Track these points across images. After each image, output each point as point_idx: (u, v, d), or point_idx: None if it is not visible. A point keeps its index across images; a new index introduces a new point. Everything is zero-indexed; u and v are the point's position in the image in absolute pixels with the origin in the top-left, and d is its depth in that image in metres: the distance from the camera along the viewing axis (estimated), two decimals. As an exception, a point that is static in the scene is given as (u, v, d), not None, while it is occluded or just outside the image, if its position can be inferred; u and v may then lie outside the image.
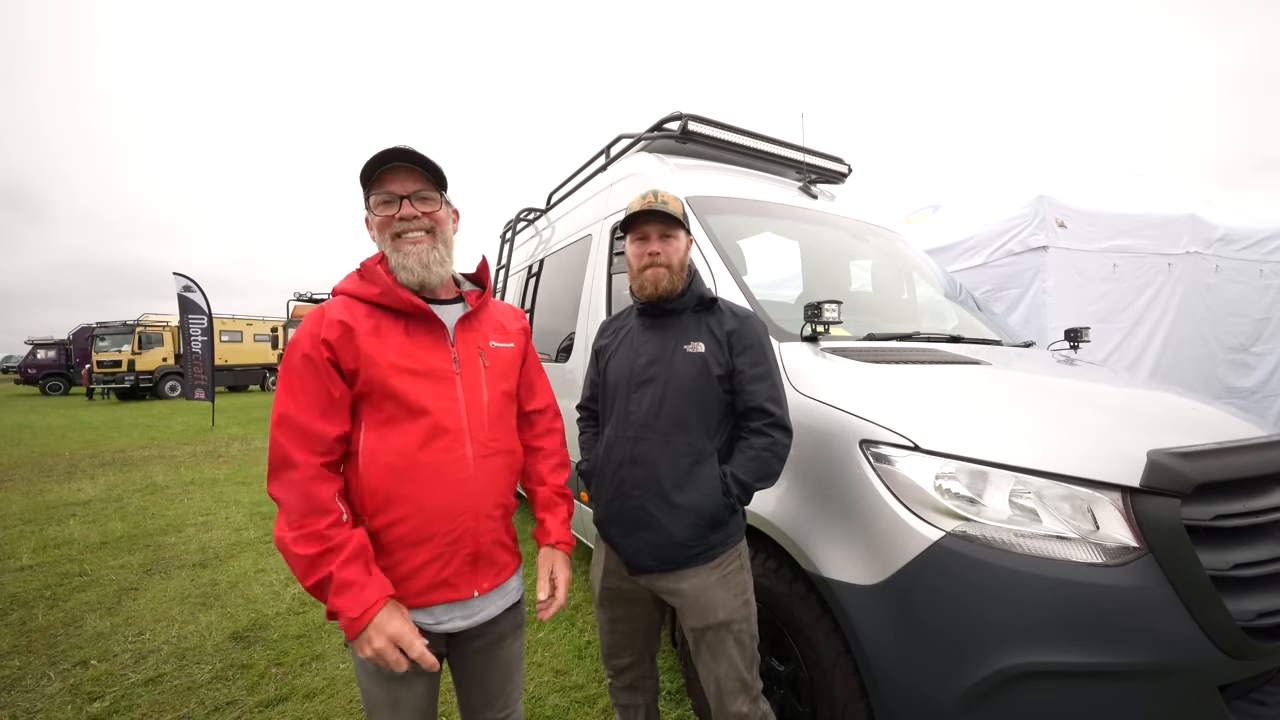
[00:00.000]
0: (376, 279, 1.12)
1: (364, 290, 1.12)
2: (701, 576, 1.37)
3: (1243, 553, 1.26)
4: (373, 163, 1.11)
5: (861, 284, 2.87)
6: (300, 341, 1.07)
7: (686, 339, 1.42)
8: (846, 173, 3.32)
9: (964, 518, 1.29)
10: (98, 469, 6.80)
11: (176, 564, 3.72)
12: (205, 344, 10.98)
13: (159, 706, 2.21)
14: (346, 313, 1.09)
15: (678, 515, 1.35)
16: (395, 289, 1.11)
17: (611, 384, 1.51)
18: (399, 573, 1.09)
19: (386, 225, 1.13)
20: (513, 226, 4.72)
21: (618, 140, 3.09)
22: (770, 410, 1.38)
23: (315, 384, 1.05)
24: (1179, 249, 4.84)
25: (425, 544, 1.09)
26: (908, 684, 1.30)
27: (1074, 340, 2.64)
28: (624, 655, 1.61)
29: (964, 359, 1.93)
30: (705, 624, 1.37)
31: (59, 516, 4.80)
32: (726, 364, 1.40)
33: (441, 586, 1.12)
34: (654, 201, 1.43)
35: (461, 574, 1.14)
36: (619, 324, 1.61)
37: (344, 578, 0.99)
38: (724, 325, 1.44)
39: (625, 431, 1.43)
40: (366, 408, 1.09)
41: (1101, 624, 1.17)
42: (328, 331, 1.06)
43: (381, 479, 1.06)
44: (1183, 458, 1.29)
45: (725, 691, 1.38)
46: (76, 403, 17.56)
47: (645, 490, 1.38)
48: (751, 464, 1.37)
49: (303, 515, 1.00)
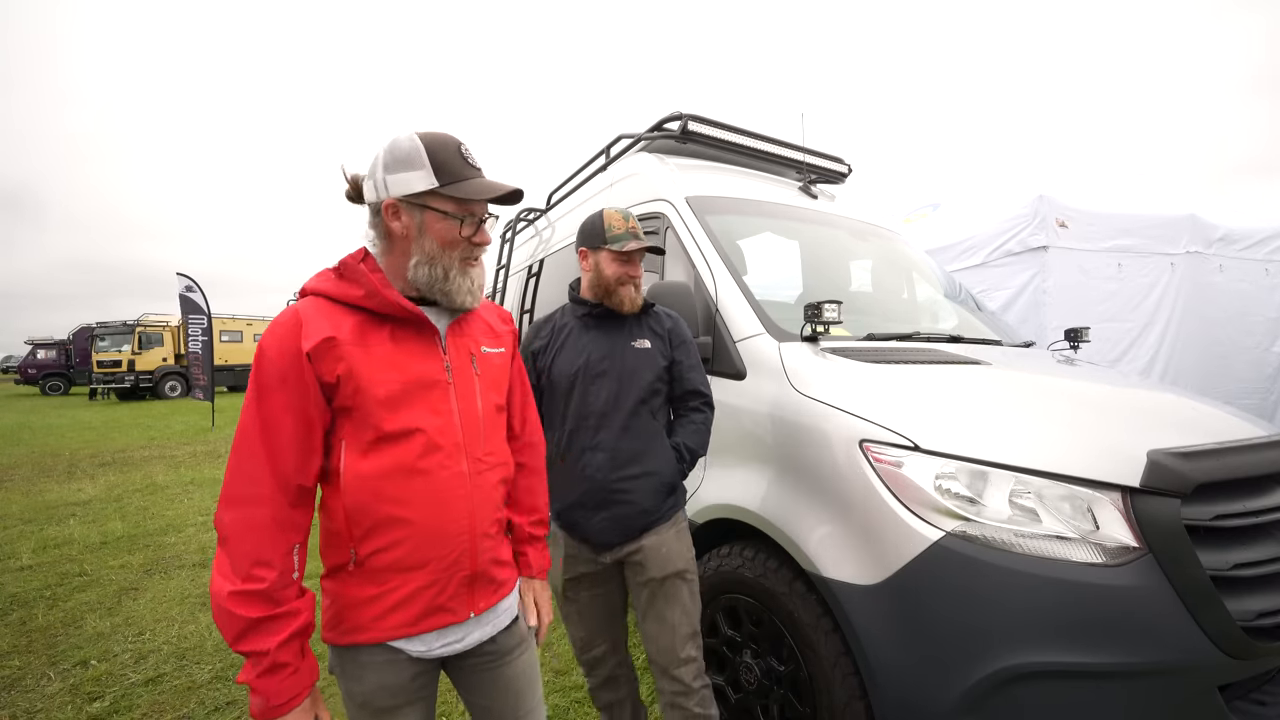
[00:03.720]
0: (360, 279, 0.99)
1: (344, 292, 1.00)
2: (661, 534, 1.56)
3: (1243, 553, 1.26)
4: (481, 190, 1.01)
5: (861, 284, 2.87)
6: (273, 356, 0.92)
7: (633, 337, 1.61)
8: (846, 173, 3.32)
9: (964, 518, 1.29)
10: (98, 469, 6.80)
11: (176, 564, 3.72)
12: (205, 344, 10.99)
13: (159, 706, 2.21)
14: (326, 320, 0.96)
15: (641, 486, 1.53)
16: (382, 290, 0.99)
17: (561, 382, 1.60)
18: (391, 600, 0.99)
19: (457, 245, 1.03)
20: (513, 226, 4.71)
21: (618, 140, 3.09)
22: (704, 392, 1.68)
23: (295, 407, 0.93)
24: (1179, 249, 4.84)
25: (421, 569, 1.00)
26: (908, 684, 1.30)
27: (1074, 340, 2.64)
28: (597, 644, 1.67)
29: (964, 359, 1.93)
30: (666, 573, 1.54)
31: (59, 516, 4.80)
32: (668, 356, 1.63)
33: (437, 612, 1.03)
34: (639, 231, 1.60)
35: (458, 597, 1.05)
36: (553, 325, 1.70)
37: (280, 659, 0.87)
38: (663, 325, 1.67)
39: (586, 421, 1.55)
40: (348, 424, 0.97)
41: (1101, 624, 1.17)
42: (308, 343, 0.93)
43: (370, 501, 0.96)
44: (1183, 458, 1.29)
45: (679, 638, 1.53)
46: (77, 403, 17.55)
47: (608, 471, 1.52)
48: (695, 435, 1.63)
49: (254, 564, 0.87)
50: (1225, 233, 5.10)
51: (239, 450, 0.91)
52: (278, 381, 0.92)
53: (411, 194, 0.99)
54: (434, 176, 0.98)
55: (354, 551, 0.98)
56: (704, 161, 2.90)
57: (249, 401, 0.93)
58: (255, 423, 0.91)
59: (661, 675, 1.55)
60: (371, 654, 1.01)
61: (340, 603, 1.00)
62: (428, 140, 1.00)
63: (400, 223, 1.01)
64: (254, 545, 0.88)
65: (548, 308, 3.55)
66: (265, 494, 0.90)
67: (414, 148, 0.99)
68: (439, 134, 1.03)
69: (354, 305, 1.00)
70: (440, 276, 1.02)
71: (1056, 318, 4.20)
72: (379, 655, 1.02)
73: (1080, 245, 4.45)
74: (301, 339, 0.93)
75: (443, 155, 1.00)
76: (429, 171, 0.98)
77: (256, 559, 0.87)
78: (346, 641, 1.00)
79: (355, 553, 0.98)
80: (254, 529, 0.88)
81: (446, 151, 1.00)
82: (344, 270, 1.01)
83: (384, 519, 0.97)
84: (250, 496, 0.89)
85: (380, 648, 1.02)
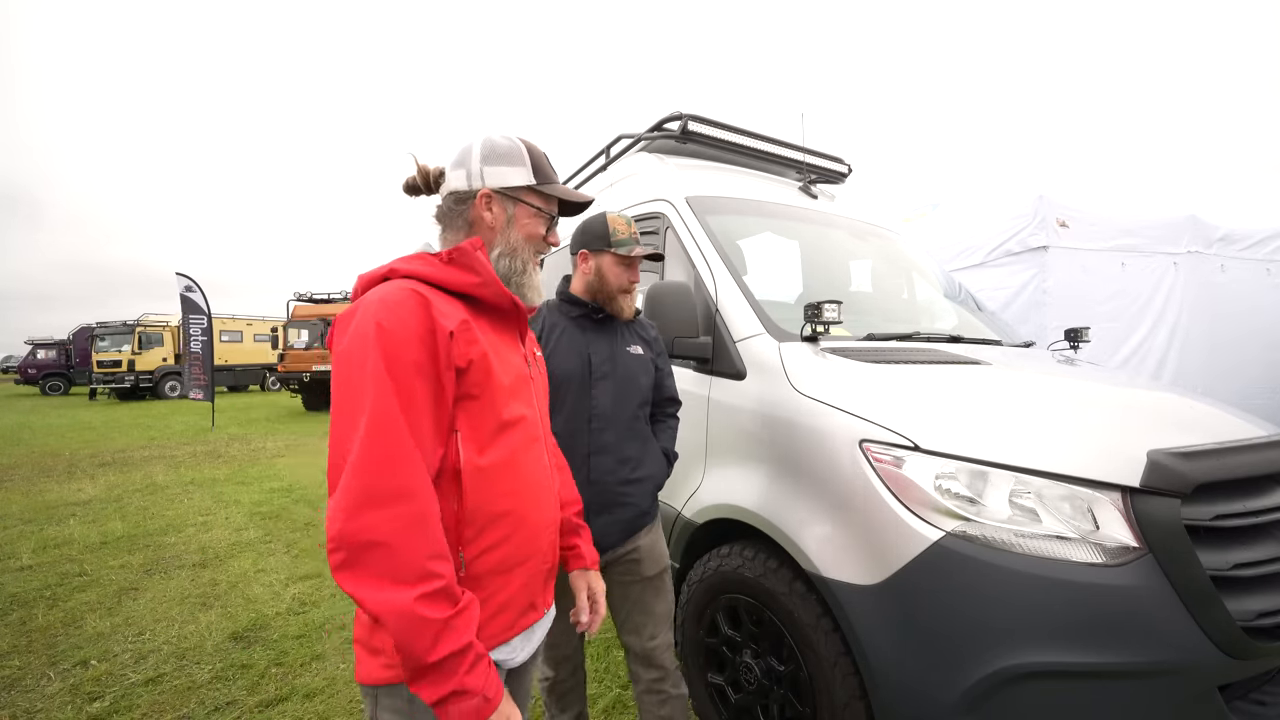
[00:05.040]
0: (478, 266, 0.96)
1: (456, 279, 0.95)
2: (653, 533, 1.66)
3: (1243, 553, 1.26)
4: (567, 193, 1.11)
5: (861, 284, 2.87)
6: (405, 336, 0.83)
7: (627, 342, 1.65)
8: (846, 173, 3.32)
9: (964, 518, 1.28)
10: (98, 469, 6.80)
11: (176, 564, 3.72)
12: (205, 344, 10.99)
13: (159, 706, 2.21)
14: (447, 303, 0.92)
15: (641, 489, 1.59)
16: (497, 280, 0.99)
17: (559, 381, 1.54)
18: (493, 605, 0.92)
19: (537, 240, 1.09)
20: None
21: (618, 140, 3.09)
22: (678, 399, 1.80)
23: (429, 393, 0.85)
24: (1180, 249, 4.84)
25: (523, 565, 0.96)
26: (908, 684, 1.30)
27: (1074, 340, 2.64)
28: (564, 645, 1.64)
29: (964, 359, 1.92)
30: (658, 569, 1.64)
31: (59, 516, 4.80)
32: (654, 363, 1.70)
33: (528, 611, 0.99)
34: (639, 236, 1.63)
35: (541, 593, 1.03)
36: (542, 322, 1.66)
37: (480, 651, 0.80)
38: (648, 332, 1.73)
39: (587, 424, 1.55)
40: (467, 414, 0.91)
41: (1101, 624, 1.17)
42: (447, 324, 0.87)
43: (486, 497, 0.91)
44: (1183, 458, 1.29)
45: (663, 627, 1.64)
46: (77, 403, 17.56)
47: (615, 474, 1.55)
48: (673, 439, 1.76)
49: (429, 558, 0.77)
50: (1226, 233, 5.10)
51: (378, 441, 0.79)
52: (414, 363, 0.83)
53: (509, 187, 1.05)
54: (532, 174, 1.06)
55: (462, 556, 0.89)
56: (704, 161, 2.90)
57: (378, 386, 0.81)
58: (393, 408, 0.80)
59: (642, 664, 1.61)
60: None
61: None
62: (526, 143, 1.08)
63: (491, 213, 1.05)
64: (424, 539, 0.78)
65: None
66: (420, 484, 0.80)
67: (516, 146, 1.06)
68: (530, 141, 1.10)
69: (463, 294, 0.96)
70: (519, 269, 1.07)
71: (1057, 318, 4.20)
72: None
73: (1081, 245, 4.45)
74: (440, 320, 0.87)
75: (537, 158, 1.08)
76: (529, 169, 1.06)
77: (431, 553, 0.78)
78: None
79: (464, 557, 0.89)
80: (418, 522, 0.78)
81: (540, 156, 1.09)
82: (459, 255, 0.96)
83: (496, 515, 0.92)
84: (404, 490, 0.78)
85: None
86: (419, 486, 0.80)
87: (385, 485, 0.78)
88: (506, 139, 1.07)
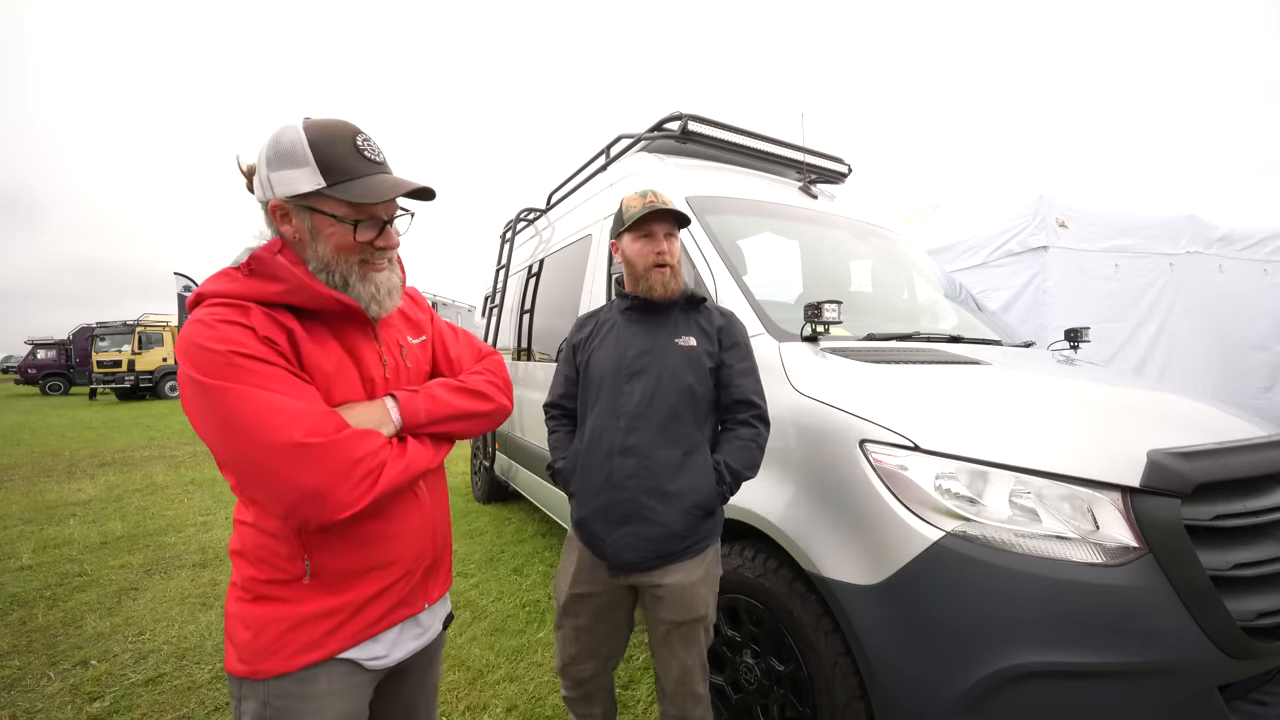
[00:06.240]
0: (280, 272, 0.86)
1: (263, 290, 0.86)
2: (688, 572, 1.39)
3: (1243, 553, 1.26)
4: (374, 190, 0.90)
5: (861, 284, 2.87)
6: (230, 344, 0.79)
7: (678, 333, 1.46)
8: (846, 173, 3.32)
9: (964, 518, 1.28)
10: (98, 469, 6.80)
11: (176, 564, 3.72)
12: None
13: (159, 706, 2.21)
14: (264, 318, 0.84)
15: (672, 505, 1.36)
16: (308, 283, 0.88)
17: (596, 377, 1.49)
18: (350, 606, 0.92)
19: (353, 249, 0.92)
20: (513, 226, 4.72)
21: (618, 140, 3.09)
22: (756, 403, 1.47)
23: (283, 375, 0.83)
24: (1179, 249, 4.85)
25: (384, 569, 0.96)
26: (908, 684, 1.30)
27: (1074, 340, 2.64)
28: (586, 665, 1.54)
29: (964, 359, 1.93)
30: (686, 618, 1.40)
31: (59, 516, 4.79)
32: (716, 357, 1.46)
33: (398, 608, 0.98)
34: (656, 201, 1.44)
35: (418, 590, 1.02)
36: (599, 319, 1.61)
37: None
38: (713, 322, 1.50)
39: (616, 422, 1.41)
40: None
41: (1101, 624, 1.17)
42: (268, 331, 0.83)
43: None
44: (1183, 458, 1.29)
45: (691, 678, 1.43)
46: (77, 403, 17.55)
47: (638, 481, 1.37)
48: (741, 453, 1.42)
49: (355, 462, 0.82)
50: (1225, 233, 5.10)
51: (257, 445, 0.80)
52: (247, 361, 0.81)
53: (297, 195, 0.86)
54: (320, 175, 0.85)
55: (309, 563, 0.89)
56: (704, 161, 2.90)
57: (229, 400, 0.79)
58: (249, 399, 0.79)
59: (667, 700, 1.47)
60: (330, 676, 0.91)
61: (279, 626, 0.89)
62: (314, 132, 0.86)
63: (291, 226, 0.89)
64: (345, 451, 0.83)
65: (548, 308, 3.56)
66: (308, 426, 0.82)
67: (296, 141, 0.85)
68: (330, 123, 0.88)
69: (277, 304, 0.87)
70: (339, 284, 0.92)
71: (1057, 318, 4.21)
72: (337, 678, 0.92)
73: (1080, 245, 4.46)
74: (260, 328, 0.83)
75: (332, 150, 0.85)
76: (314, 169, 0.85)
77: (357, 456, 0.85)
78: (296, 665, 0.88)
79: (310, 564, 0.90)
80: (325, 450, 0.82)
81: (337, 145, 0.86)
82: (258, 266, 0.87)
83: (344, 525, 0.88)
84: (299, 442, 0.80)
85: (337, 664, 0.92)
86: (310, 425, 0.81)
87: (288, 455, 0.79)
88: (293, 132, 0.86)
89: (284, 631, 0.88)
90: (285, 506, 0.80)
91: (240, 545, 0.93)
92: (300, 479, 0.78)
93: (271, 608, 0.89)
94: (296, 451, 0.77)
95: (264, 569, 0.90)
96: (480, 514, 4.73)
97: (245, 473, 0.81)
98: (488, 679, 2.36)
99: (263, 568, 0.90)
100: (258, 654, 0.88)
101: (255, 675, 0.88)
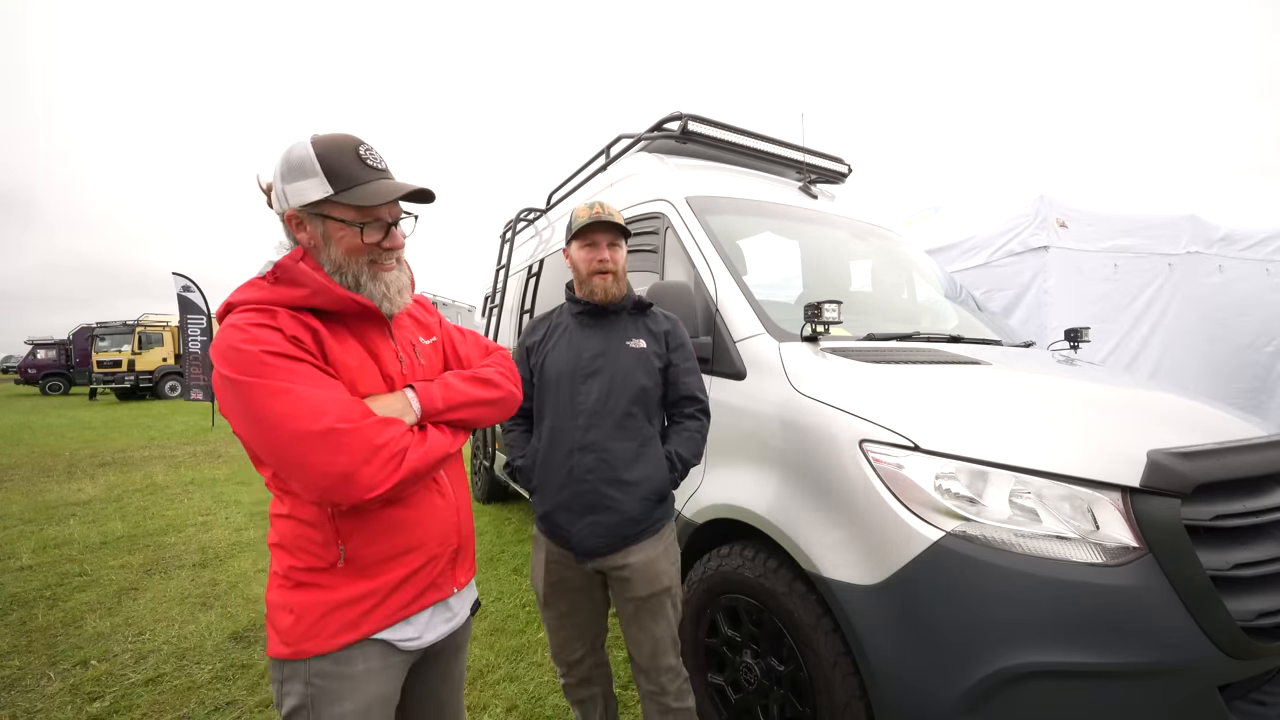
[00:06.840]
0: (302, 278, 0.95)
1: (287, 296, 0.94)
2: (647, 550, 1.51)
3: (1243, 553, 1.26)
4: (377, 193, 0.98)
5: (861, 284, 2.87)
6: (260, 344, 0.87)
7: (628, 336, 1.58)
8: (846, 173, 3.32)
9: (964, 518, 1.28)
10: (98, 469, 6.80)
11: (176, 564, 3.72)
12: (204, 344, 10.99)
13: (159, 706, 2.21)
14: (292, 320, 0.93)
15: (630, 493, 1.48)
16: (328, 286, 0.96)
17: (553, 378, 1.58)
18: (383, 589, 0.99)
19: (362, 251, 1.00)
20: (513, 226, 4.72)
21: (618, 140, 3.09)
22: (700, 398, 1.63)
23: (310, 370, 0.90)
24: (1179, 249, 4.84)
25: (412, 552, 1.02)
26: (908, 684, 1.30)
27: (1074, 340, 2.64)
28: (575, 649, 1.64)
29: (964, 359, 1.93)
30: (651, 591, 1.51)
31: (59, 516, 4.80)
32: (665, 358, 1.60)
33: (429, 591, 1.05)
34: (601, 213, 1.54)
35: (446, 575, 1.09)
36: (551, 322, 1.70)
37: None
38: (660, 325, 1.63)
39: (575, 420, 1.51)
40: None
41: (1102, 624, 1.17)
42: (295, 331, 0.91)
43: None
44: (1183, 458, 1.29)
45: (661, 650, 1.53)
46: (77, 403, 17.56)
47: (598, 474, 1.48)
48: (689, 444, 1.58)
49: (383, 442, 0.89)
50: (1226, 233, 5.09)
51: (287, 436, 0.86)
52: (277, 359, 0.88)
53: (309, 203, 0.96)
54: (328, 183, 0.94)
55: (343, 550, 0.96)
56: (704, 161, 2.90)
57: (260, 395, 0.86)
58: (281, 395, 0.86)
59: (642, 675, 1.57)
60: (367, 656, 0.99)
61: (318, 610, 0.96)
62: (321, 145, 0.96)
63: (306, 233, 0.99)
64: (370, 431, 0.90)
65: (548, 308, 3.56)
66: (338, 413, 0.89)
67: (305, 155, 0.95)
68: (335, 136, 0.98)
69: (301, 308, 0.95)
70: (352, 285, 1.00)
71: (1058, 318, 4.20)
72: (374, 658, 0.99)
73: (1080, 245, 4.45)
74: (287, 329, 0.91)
75: (337, 160, 0.95)
76: (322, 179, 0.94)
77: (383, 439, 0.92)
78: (335, 645, 0.96)
79: (345, 551, 0.96)
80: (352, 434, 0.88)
81: (341, 156, 0.96)
82: (282, 274, 0.95)
83: (372, 513, 0.98)
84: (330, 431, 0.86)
85: (373, 645, 0.99)
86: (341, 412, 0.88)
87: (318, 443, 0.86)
88: (301, 147, 0.95)
89: (323, 614, 0.96)
90: (319, 491, 0.86)
91: (278, 538, 1.00)
92: (330, 463, 0.84)
93: (311, 594, 0.96)
94: (326, 437, 0.84)
95: (302, 557, 0.97)
96: (480, 514, 4.73)
97: (280, 461, 0.87)
98: (488, 679, 2.36)
99: (301, 555, 0.97)
100: (300, 636, 0.95)
101: (298, 655, 0.95)
